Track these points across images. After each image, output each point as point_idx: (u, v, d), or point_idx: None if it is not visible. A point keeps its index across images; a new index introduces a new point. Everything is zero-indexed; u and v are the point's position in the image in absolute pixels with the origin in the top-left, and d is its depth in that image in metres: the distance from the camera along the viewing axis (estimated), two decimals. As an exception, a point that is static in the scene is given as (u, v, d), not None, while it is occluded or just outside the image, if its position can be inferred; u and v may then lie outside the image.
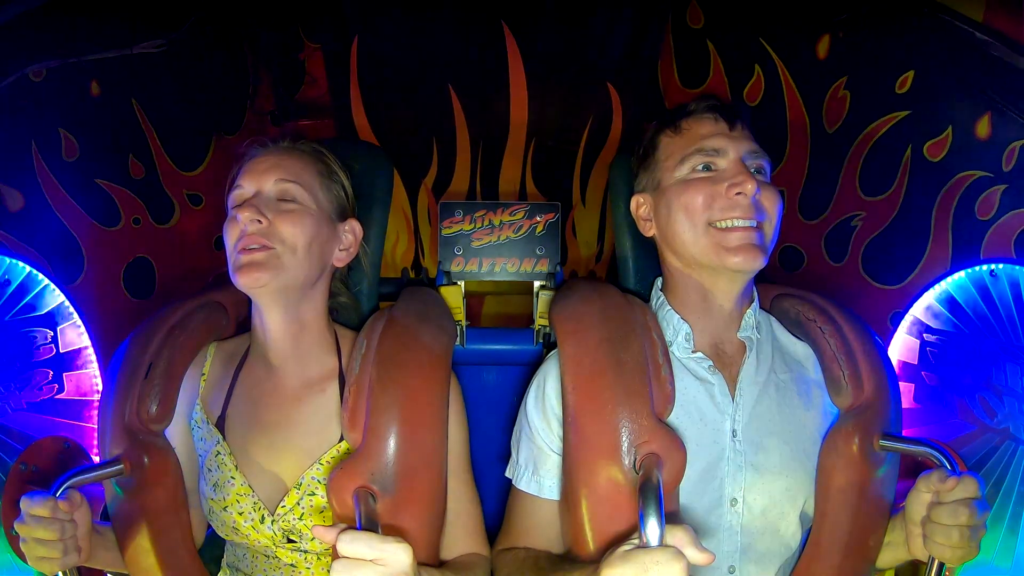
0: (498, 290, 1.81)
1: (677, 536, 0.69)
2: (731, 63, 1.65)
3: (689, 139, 0.94)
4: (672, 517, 0.82)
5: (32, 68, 1.11)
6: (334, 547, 0.71)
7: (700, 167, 0.92)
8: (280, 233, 0.90)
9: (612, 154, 1.87)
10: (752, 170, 0.91)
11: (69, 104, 1.23)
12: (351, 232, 1.01)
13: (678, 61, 1.79)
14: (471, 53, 1.78)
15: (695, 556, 0.68)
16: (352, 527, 0.74)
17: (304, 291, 0.94)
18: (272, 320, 0.94)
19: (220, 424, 0.96)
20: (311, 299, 0.96)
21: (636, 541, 0.70)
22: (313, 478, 0.91)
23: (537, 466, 0.95)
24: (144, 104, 1.40)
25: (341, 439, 0.93)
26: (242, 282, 0.88)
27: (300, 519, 0.91)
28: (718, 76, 1.68)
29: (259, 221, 0.89)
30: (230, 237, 0.91)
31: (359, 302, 1.09)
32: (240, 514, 0.92)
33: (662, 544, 0.68)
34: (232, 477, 0.93)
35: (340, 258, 0.99)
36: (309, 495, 0.91)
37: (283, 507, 0.91)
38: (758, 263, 0.88)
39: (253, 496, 0.92)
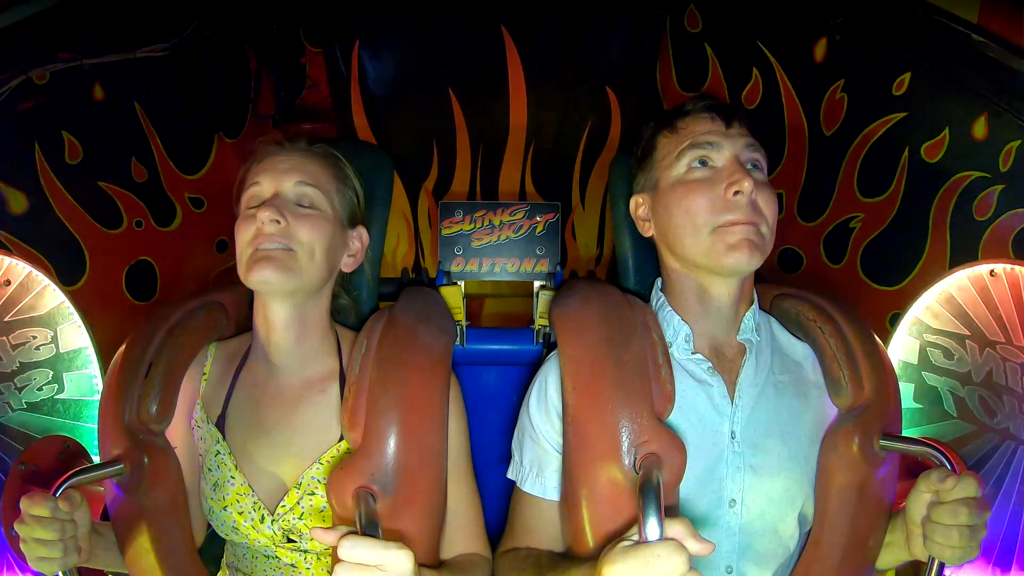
0: (498, 291, 1.81)
1: (676, 529, 0.69)
2: (729, 66, 1.65)
3: (685, 138, 0.94)
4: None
5: (36, 71, 1.12)
6: (334, 550, 0.71)
7: (696, 163, 0.92)
8: (298, 235, 0.89)
9: (611, 158, 1.87)
10: (749, 166, 0.91)
11: (72, 107, 1.24)
12: (358, 239, 1.01)
13: (676, 65, 1.79)
14: (471, 57, 1.79)
15: (695, 547, 0.68)
16: (353, 531, 0.73)
17: (312, 294, 0.95)
18: (277, 320, 0.94)
19: (220, 424, 0.96)
20: (316, 302, 0.97)
21: (635, 537, 0.70)
22: (313, 478, 0.91)
23: (542, 468, 0.95)
24: (147, 107, 1.41)
25: (341, 439, 0.93)
26: (255, 279, 0.87)
27: (300, 519, 0.91)
28: (716, 79, 1.69)
29: (277, 222, 0.88)
30: (244, 234, 0.90)
31: (359, 302, 1.10)
32: (240, 514, 0.92)
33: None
34: (232, 477, 0.93)
35: (348, 264, 1.00)
36: (309, 495, 0.91)
37: (283, 507, 0.91)
38: (755, 262, 0.87)
39: (253, 496, 0.92)
